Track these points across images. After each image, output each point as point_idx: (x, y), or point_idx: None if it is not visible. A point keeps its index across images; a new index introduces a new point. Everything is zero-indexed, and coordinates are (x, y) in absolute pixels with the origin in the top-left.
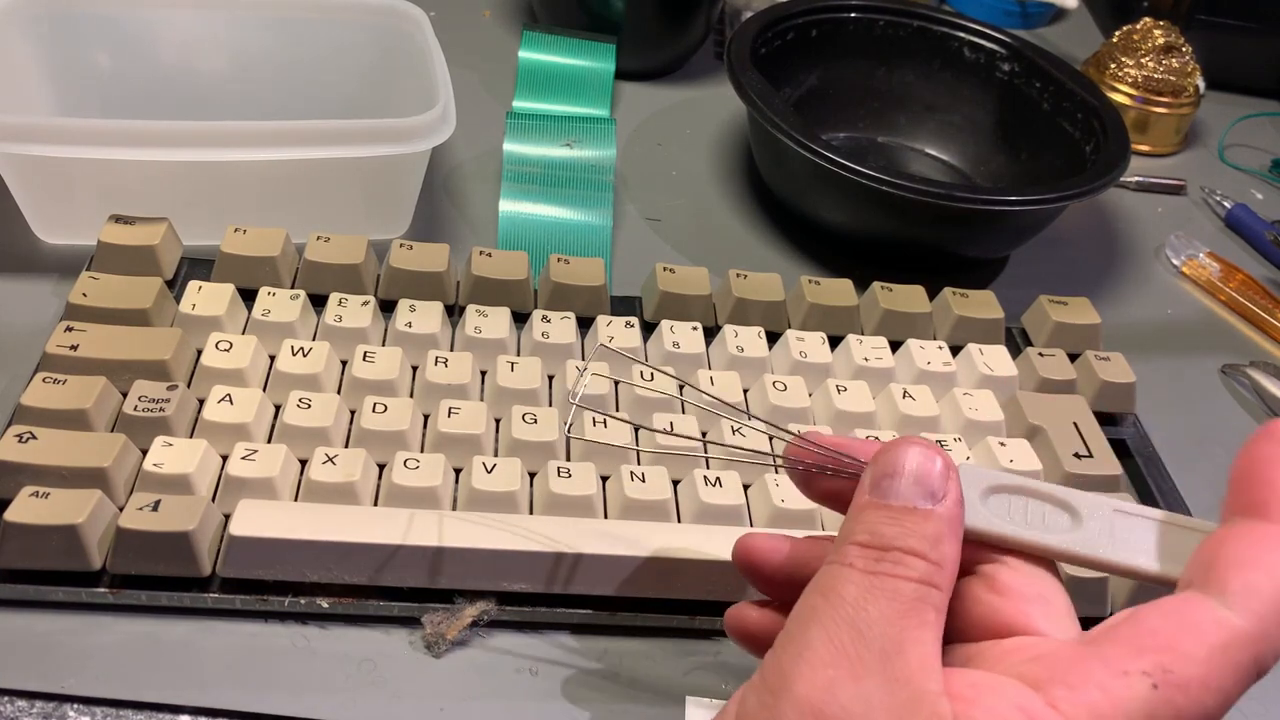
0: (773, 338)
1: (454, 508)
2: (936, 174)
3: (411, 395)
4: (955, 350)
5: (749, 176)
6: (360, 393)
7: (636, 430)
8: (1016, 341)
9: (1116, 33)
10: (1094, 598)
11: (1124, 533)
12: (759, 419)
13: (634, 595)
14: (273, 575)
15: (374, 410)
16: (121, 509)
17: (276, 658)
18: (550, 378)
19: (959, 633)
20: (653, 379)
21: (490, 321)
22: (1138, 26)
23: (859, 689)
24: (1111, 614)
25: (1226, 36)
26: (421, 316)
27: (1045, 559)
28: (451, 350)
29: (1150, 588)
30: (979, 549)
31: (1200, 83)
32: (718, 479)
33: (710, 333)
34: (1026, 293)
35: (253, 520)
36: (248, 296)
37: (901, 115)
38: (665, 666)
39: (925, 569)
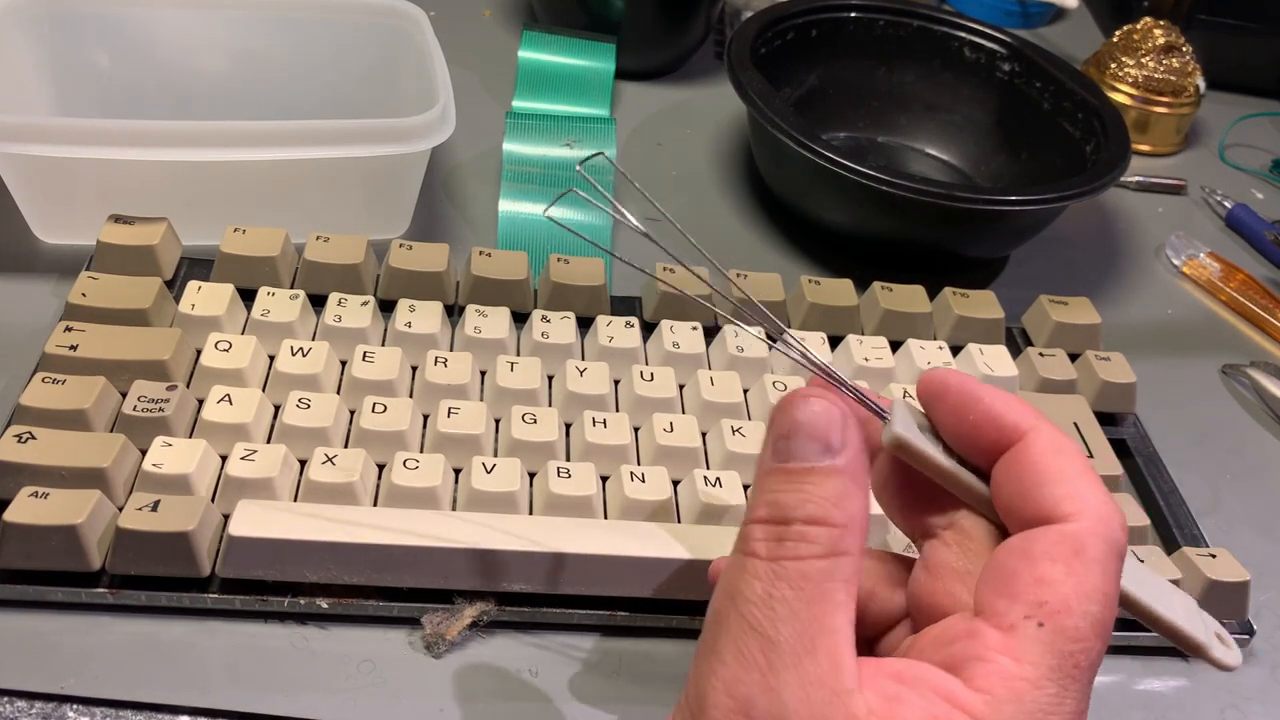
0: (773, 338)
1: (454, 508)
2: (937, 174)
3: (411, 395)
4: (955, 350)
5: (749, 176)
6: (360, 393)
7: (636, 430)
8: (1017, 341)
9: (1117, 32)
10: None
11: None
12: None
13: (634, 595)
14: (272, 575)
15: (373, 410)
16: (121, 509)
17: (276, 658)
18: (550, 378)
19: (899, 618)
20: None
21: (490, 321)
22: (1138, 26)
23: (771, 703)
24: None
25: (1227, 36)
26: (421, 316)
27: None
28: (451, 350)
29: None
30: (928, 514)
31: (1200, 82)
32: (718, 479)
33: (710, 333)
34: (1027, 293)
35: (252, 520)
36: (247, 296)
37: (902, 115)
38: (665, 666)
39: (829, 537)
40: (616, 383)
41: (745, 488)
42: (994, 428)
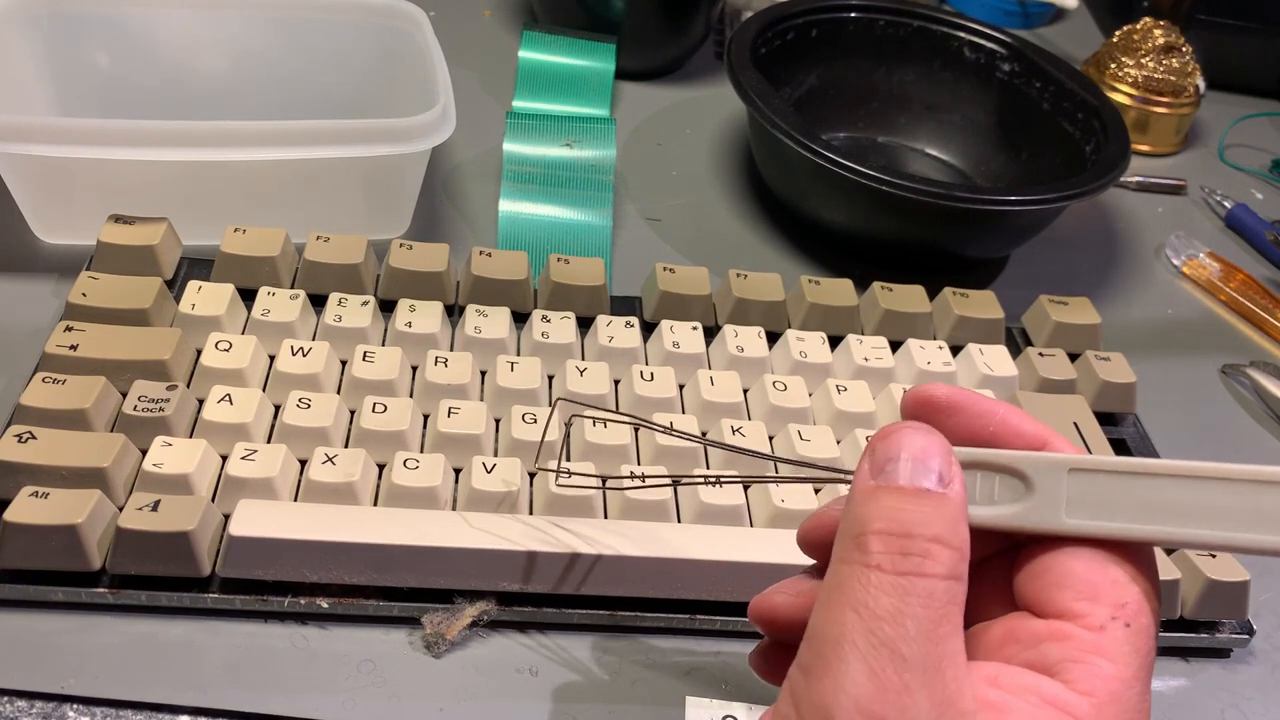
0: (773, 338)
1: (454, 508)
2: (937, 174)
3: (411, 395)
4: (955, 350)
5: (749, 176)
6: (360, 393)
7: (636, 430)
8: (1017, 341)
9: (1116, 33)
10: None
11: (1080, 493)
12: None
13: (634, 595)
14: (272, 575)
15: (374, 410)
16: (121, 509)
17: (276, 658)
18: (550, 378)
19: None
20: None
21: (490, 321)
22: (1138, 26)
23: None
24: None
25: (1226, 36)
26: (421, 316)
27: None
28: (451, 350)
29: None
30: None
31: (1200, 82)
32: (718, 479)
33: (710, 333)
34: (1027, 293)
35: (252, 520)
36: (247, 296)
37: (901, 115)
38: (665, 666)
39: (951, 560)
40: (616, 383)
41: (745, 488)
42: (1015, 437)
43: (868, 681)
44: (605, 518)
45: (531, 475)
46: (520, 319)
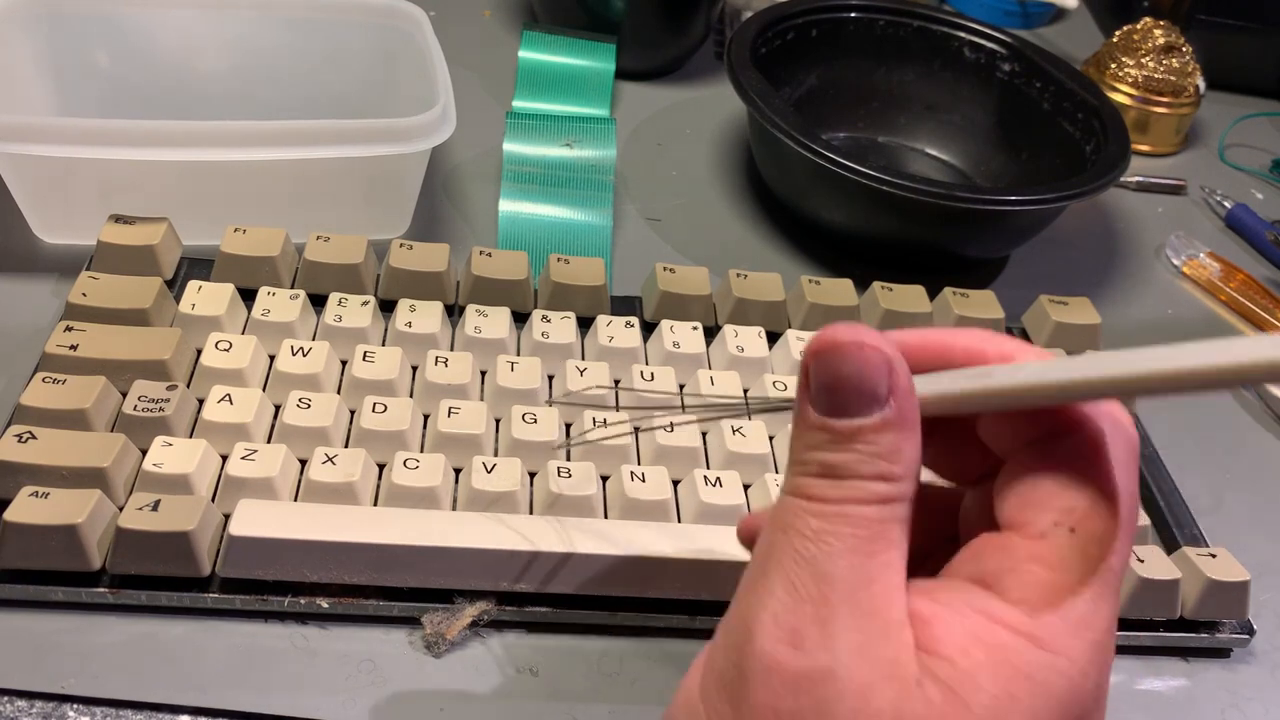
0: (773, 338)
1: (454, 508)
2: (937, 174)
3: (411, 395)
4: None
5: (749, 176)
6: (360, 392)
7: (635, 432)
8: None
9: (1117, 33)
10: None
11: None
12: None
13: (634, 595)
14: (272, 575)
15: (374, 410)
16: (121, 509)
17: (276, 658)
18: (550, 378)
19: (933, 547)
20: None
21: (490, 321)
22: (1138, 26)
23: (822, 635)
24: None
25: (1226, 36)
26: (421, 316)
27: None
28: (451, 350)
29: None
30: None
31: (1200, 82)
32: (718, 479)
33: (710, 333)
34: (1027, 293)
35: (252, 520)
36: (247, 296)
37: (901, 115)
38: (665, 666)
39: (887, 489)
40: (617, 382)
41: (746, 488)
42: (982, 362)
43: (786, 595)
44: (605, 518)
45: (532, 475)
46: (520, 319)
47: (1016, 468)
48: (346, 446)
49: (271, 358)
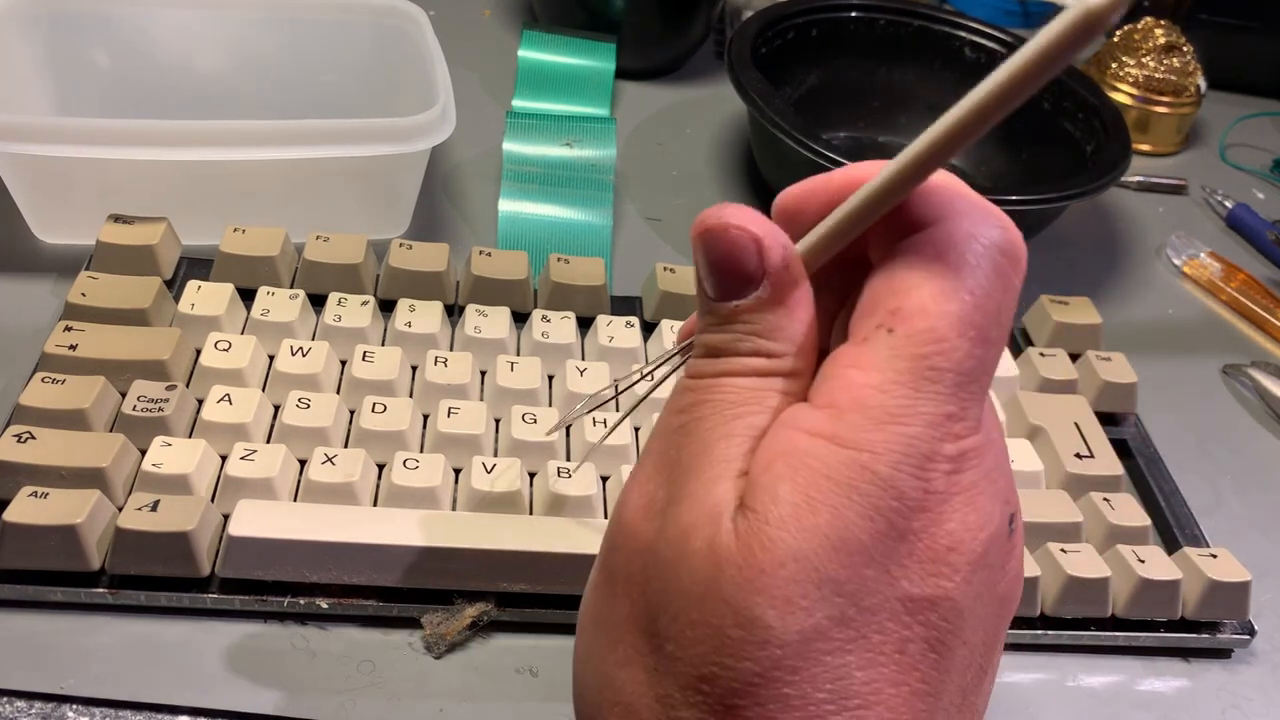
0: None
1: (454, 508)
2: None
3: (411, 395)
4: None
5: (749, 176)
6: (360, 393)
7: (636, 431)
8: (1017, 341)
9: (1117, 32)
10: (1094, 599)
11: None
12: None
13: None
14: (272, 575)
15: (373, 410)
16: (120, 509)
17: (276, 658)
18: (550, 378)
19: None
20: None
21: (490, 321)
22: (1139, 26)
23: (670, 498)
24: (1112, 615)
25: (1227, 36)
26: (421, 316)
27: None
28: (451, 350)
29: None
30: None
31: (1201, 82)
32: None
33: None
34: (1027, 292)
35: (252, 520)
36: (247, 296)
37: (902, 115)
38: None
39: (763, 364)
40: (617, 382)
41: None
42: (857, 187)
43: (652, 468)
44: (605, 518)
45: (532, 475)
46: (520, 319)
47: (867, 277)
48: (346, 447)
49: (271, 358)
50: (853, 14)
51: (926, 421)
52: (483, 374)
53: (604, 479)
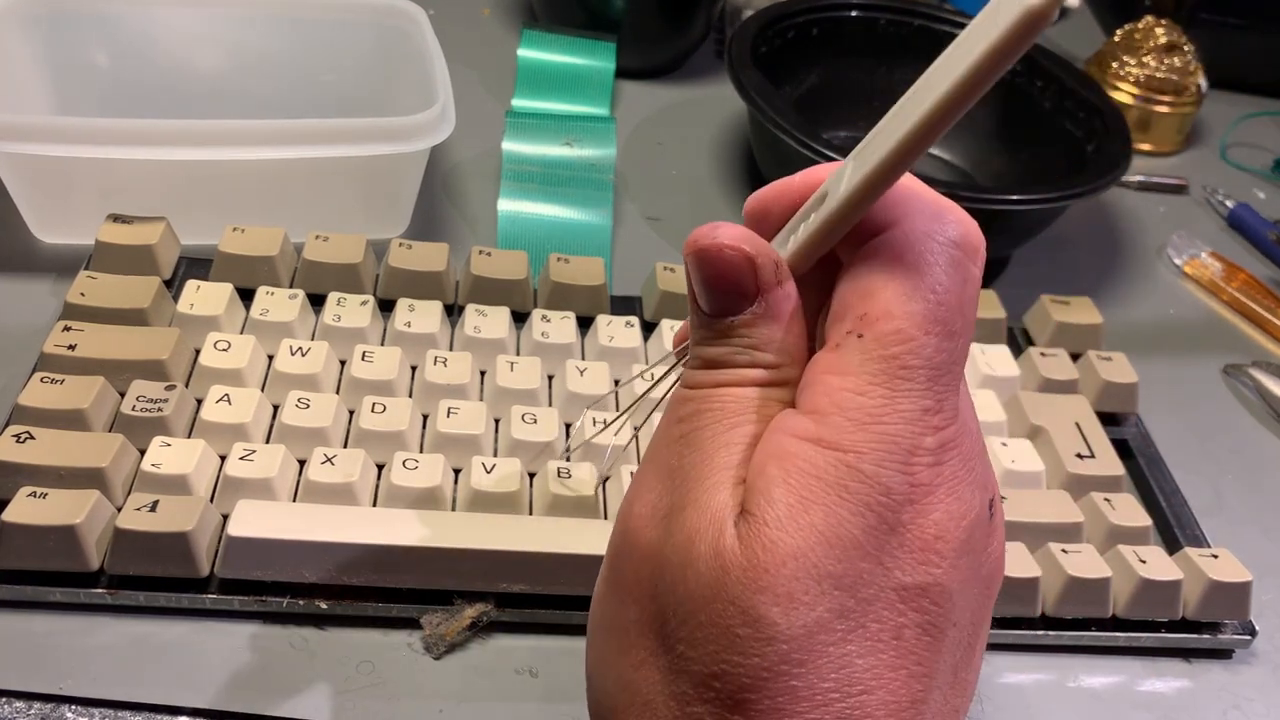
0: None
1: (454, 508)
2: (938, 173)
3: (410, 395)
4: None
5: (749, 176)
6: (359, 392)
7: (636, 430)
8: (1018, 341)
9: (1118, 31)
10: (1095, 599)
11: (860, 166)
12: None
13: None
14: (271, 576)
15: (373, 410)
16: (119, 509)
17: (275, 659)
18: (550, 378)
19: None
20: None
21: (490, 321)
22: (1139, 25)
23: (673, 506)
24: (1113, 615)
25: (1228, 35)
26: (420, 316)
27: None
28: (451, 350)
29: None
30: None
31: (1202, 82)
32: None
33: None
34: (1028, 292)
35: (251, 521)
36: (246, 296)
37: None
38: None
39: (760, 374)
40: (617, 382)
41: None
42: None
43: (655, 478)
44: (605, 518)
45: (531, 475)
46: (520, 319)
47: (836, 281)
48: (345, 447)
49: (270, 358)
50: (853, 13)
51: (905, 418)
52: (482, 374)
53: (604, 479)
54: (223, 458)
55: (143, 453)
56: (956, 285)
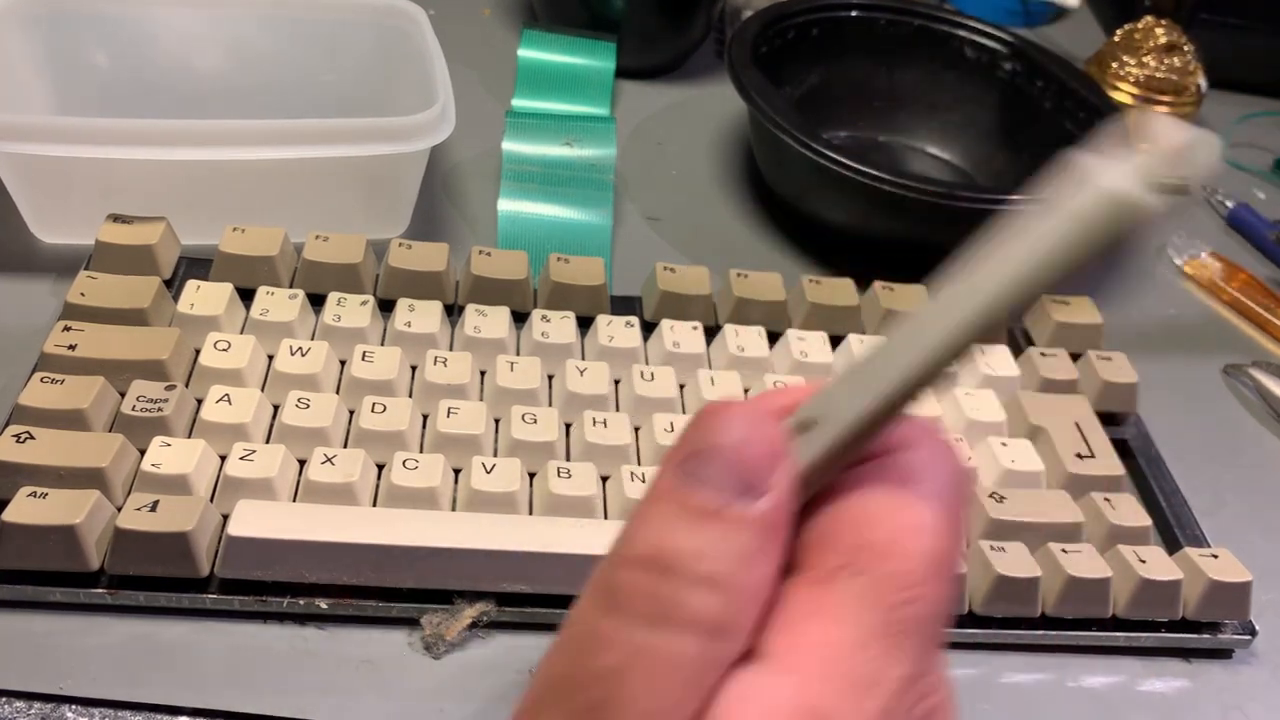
0: (774, 337)
1: (454, 508)
2: (938, 173)
3: (410, 395)
4: None
5: (749, 176)
6: (359, 392)
7: (636, 430)
8: (1018, 341)
9: (1118, 31)
10: (1095, 599)
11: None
12: None
13: None
14: (271, 576)
15: (373, 410)
16: (119, 509)
17: (275, 659)
18: (550, 378)
19: None
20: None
21: (490, 321)
22: (1140, 25)
23: None
24: (1113, 615)
25: (1228, 35)
26: (420, 316)
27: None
28: (451, 350)
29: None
30: None
31: (1202, 82)
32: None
33: (711, 332)
34: None
35: (251, 521)
36: (246, 296)
37: (903, 114)
38: None
39: (716, 614)
40: (617, 382)
41: None
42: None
43: None
44: (605, 518)
45: (531, 475)
46: (520, 319)
47: (820, 500)
48: (345, 447)
49: (270, 358)
50: (853, 13)
51: (898, 687)
52: (482, 374)
53: (604, 479)
54: (223, 458)
55: (143, 453)
56: (958, 526)
